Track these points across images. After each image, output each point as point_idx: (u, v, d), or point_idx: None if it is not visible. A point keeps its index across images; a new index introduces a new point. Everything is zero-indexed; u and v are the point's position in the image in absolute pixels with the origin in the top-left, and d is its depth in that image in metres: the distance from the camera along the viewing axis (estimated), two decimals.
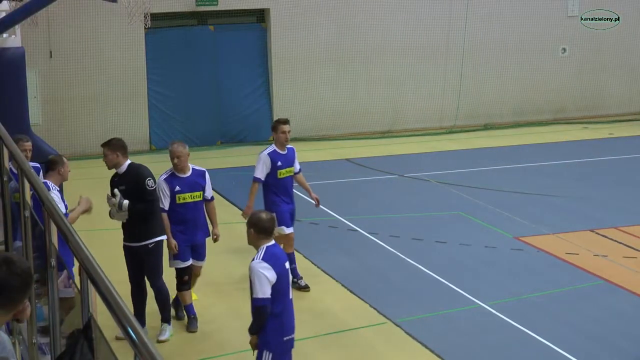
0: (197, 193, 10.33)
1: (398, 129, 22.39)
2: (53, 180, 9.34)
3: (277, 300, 7.52)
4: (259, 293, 7.44)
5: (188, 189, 10.27)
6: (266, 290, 7.43)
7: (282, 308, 7.59)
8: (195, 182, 10.35)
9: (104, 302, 3.22)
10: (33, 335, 5.20)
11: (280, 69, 21.58)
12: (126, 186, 9.76)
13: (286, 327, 7.68)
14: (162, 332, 10.19)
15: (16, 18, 14.29)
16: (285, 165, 11.44)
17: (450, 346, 10.01)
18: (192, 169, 10.39)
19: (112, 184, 9.94)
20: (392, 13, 22.06)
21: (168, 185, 10.18)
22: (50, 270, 4.41)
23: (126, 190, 9.74)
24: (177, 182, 10.24)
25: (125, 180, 9.79)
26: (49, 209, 4.30)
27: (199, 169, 10.50)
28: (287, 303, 7.66)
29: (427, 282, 11.94)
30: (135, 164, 9.97)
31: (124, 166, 9.86)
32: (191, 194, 10.29)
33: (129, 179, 9.79)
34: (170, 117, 21.06)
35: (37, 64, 19.58)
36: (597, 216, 14.83)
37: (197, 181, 10.36)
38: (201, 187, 10.36)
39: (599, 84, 23.95)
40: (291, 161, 11.55)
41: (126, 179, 9.80)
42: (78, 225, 6.57)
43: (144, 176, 9.81)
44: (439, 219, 14.89)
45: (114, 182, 9.94)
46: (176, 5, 20.72)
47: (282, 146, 11.48)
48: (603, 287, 11.73)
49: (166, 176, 10.27)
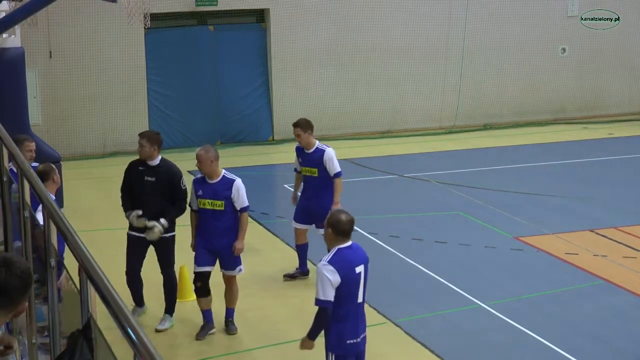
0: (218, 202, 9.96)
1: (398, 129, 22.39)
2: (50, 189, 9.19)
3: (342, 303, 7.38)
4: (319, 294, 7.34)
5: (209, 195, 9.99)
6: (328, 293, 7.30)
7: (346, 311, 7.43)
8: (219, 191, 9.98)
9: (104, 302, 3.22)
10: (33, 335, 5.19)
11: (280, 69, 21.58)
12: (156, 178, 10.13)
13: (350, 330, 7.51)
14: (163, 321, 10.39)
15: (16, 18, 14.28)
16: (305, 164, 11.85)
17: (450, 346, 10.01)
18: (222, 176, 10.04)
19: (138, 172, 10.23)
20: (392, 13, 22.06)
21: (194, 188, 10.18)
22: (50, 270, 4.41)
23: (156, 183, 10.11)
24: (202, 186, 10.06)
25: (157, 173, 10.16)
26: (49, 210, 4.30)
27: (231, 177, 10.04)
28: (353, 306, 7.48)
29: (427, 282, 11.94)
30: (167, 161, 10.37)
31: (157, 160, 10.23)
32: (212, 201, 9.99)
33: (162, 174, 10.17)
34: (170, 117, 21.05)
35: (37, 64, 19.57)
36: (597, 216, 14.83)
37: (221, 190, 9.98)
38: (224, 197, 9.95)
39: (598, 84, 23.95)
40: (312, 162, 11.72)
41: (159, 172, 10.17)
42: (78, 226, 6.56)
43: (179, 175, 10.24)
44: (439, 219, 14.89)
45: (139, 170, 10.24)
46: (176, 6, 20.71)
47: (307, 145, 11.82)
48: (603, 287, 11.73)
49: (197, 177, 10.29)
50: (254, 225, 14.49)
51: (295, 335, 10.27)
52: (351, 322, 7.51)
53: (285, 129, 21.72)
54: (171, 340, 10.17)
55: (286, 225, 14.72)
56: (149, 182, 10.15)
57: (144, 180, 10.19)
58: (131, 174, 10.33)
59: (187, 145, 20.55)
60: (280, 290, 11.71)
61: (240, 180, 10.04)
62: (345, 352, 7.57)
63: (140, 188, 10.20)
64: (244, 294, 10.55)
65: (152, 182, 10.14)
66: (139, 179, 10.23)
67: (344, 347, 7.55)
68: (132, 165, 10.41)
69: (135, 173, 10.27)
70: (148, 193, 10.14)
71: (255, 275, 12.01)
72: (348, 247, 7.50)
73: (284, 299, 11.41)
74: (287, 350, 9.91)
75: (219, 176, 10.00)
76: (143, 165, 10.25)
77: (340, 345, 7.52)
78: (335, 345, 7.53)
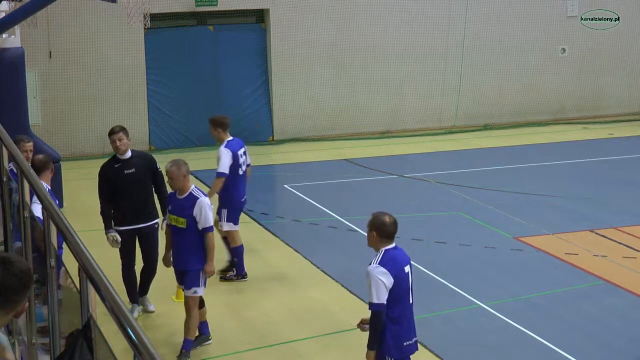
0: (181, 219, 9.43)
1: (397, 129, 22.39)
2: (45, 180, 9.24)
3: (395, 305, 7.26)
4: (374, 298, 7.19)
5: (175, 211, 9.52)
6: (381, 296, 7.17)
7: (400, 312, 7.32)
8: (183, 208, 9.44)
9: (103, 302, 3.22)
10: (33, 336, 5.19)
11: (280, 69, 21.58)
12: (135, 169, 10.36)
13: (405, 332, 7.39)
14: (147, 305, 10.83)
15: (16, 18, 14.29)
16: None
17: (450, 346, 10.01)
18: (189, 193, 9.49)
19: (115, 170, 10.38)
20: (392, 13, 22.06)
21: (168, 201, 9.95)
22: (49, 270, 4.41)
23: (136, 173, 10.35)
24: (171, 200, 9.67)
25: (134, 164, 10.40)
26: (49, 209, 4.30)
27: (196, 195, 9.44)
28: (406, 307, 7.37)
29: (427, 282, 11.92)
30: (137, 150, 10.74)
31: (129, 152, 10.45)
32: (176, 217, 9.50)
33: (139, 163, 10.45)
34: (169, 118, 21.05)
35: (37, 64, 19.58)
36: (597, 216, 14.83)
37: (186, 207, 9.42)
38: (187, 215, 9.39)
39: (598, 84, 23.95)
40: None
41: (136, 163, 10.43)
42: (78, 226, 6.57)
43: (154, 159, 10.57)
44: (439, 219, 14.89)
45: (115, 168, 10.42)
46: (176, 6, 20.72)
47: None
48: (603, 287, 11.72)
49: (171, 192, 9.90)
50: (254, 225, 14.50)
51: (292, 336, 10.29)
52: (406, 322, 7.40)
53: (286, 129, 21.77)
54: (171, 340, 10.16)
55: (286, 225, 14.74)
56: (130, 175, 10.29)
57: (124, 174, 10.30)
58: (109, 174, 10.36)
59: (187, 146, 20.57)
60: (278, 290, 11.70)
61: (205, 199, 9.43)
62: (402, 356, 7.45)
63: (122, 183, 10.28)
64: (242, 294, 10.54)
65: (132, 173, 10.31)
66: (118, 175, 10.31)
67: (401, 350, 7.42)
68: (106, 167, 10.46)
69: (113, 171, 10.35)
70: (131, 186, 10.27)
71: (254, 275, 12.01)
72: (393, 248, 7.40)
73: (282, 300, 11.40)
74: (284, 351, 9.91)
75: (186, 192, 9.48)
76: (118, 162, 10.37)
77: (398, 349, 7.39)
78: (392, 348, 7.35)
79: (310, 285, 11.85)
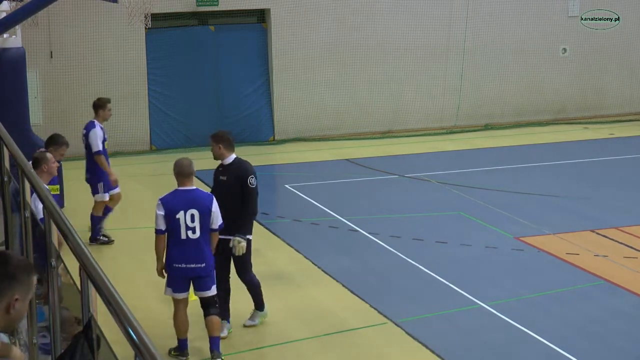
0: None
1: (398, 129, 22.38)
2: (42, 178, 9.12)
3: None
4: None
5: None
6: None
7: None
8: None
9: (104, 302, 3.22)
10: (33, 336, 5.19)
11: (281, 69, 21.58)
12: (228, 177, 10.08)
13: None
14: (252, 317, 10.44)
15: (17, 18, 14.29)
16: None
17: (451, 346, 10.01)
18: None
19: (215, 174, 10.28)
20: (393, 13, 22.06)
21: None
22: (50, 270, 4.41)
23: (228, 181, 10.05)
24: None
25: (229, 172, 10.11)
26: (49, 209, 4.30)
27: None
28: None
29: (427, 282, 11.93)
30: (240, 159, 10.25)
31: (229, 158, 10.15)
32: None
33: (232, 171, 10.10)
34: (170, 117, 21.06)
35: (38, 64, 19.57)
36: (598, 216, 14.82)
37: None
38: None
39: (599, 84, 23.94)
40: None
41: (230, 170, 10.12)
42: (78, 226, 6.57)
43: (249, 172, 10.12)
44: (440, 219, 14.89)
45: (217, 171, 10.29)
46: (177, 6, 20.72)
47: None
48: (603, 287, 11.73)
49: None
50: (254, 225, 14.46)
51: (294, 336, 10.29)
52: None
53: (286, 129, 21.77)
54: (170, 340, 10.15)
55: (287, 225, 14.73)
56: (223, 182, 10.13)
57: (218, 180, 10.22)
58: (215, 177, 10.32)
59: (187, 146, 20.56)
60: (279, 290, 11.70)
61: (159, 201, 9.40)
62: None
63: (215, 188, 10.19)
64: (243, 295, 10.53)
65: (225, 181, 10.12)
66: (214, 179, 10.30)
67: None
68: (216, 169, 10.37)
69: (216, 174, 10.29)
70: (221, 193, 9.99)
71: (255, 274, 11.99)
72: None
73: (283, 299, 11.40)
74: (284, 351, 9.91)
75: None
76: (221, 166, 10.28)
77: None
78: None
79: (311, 285, 11.85)
